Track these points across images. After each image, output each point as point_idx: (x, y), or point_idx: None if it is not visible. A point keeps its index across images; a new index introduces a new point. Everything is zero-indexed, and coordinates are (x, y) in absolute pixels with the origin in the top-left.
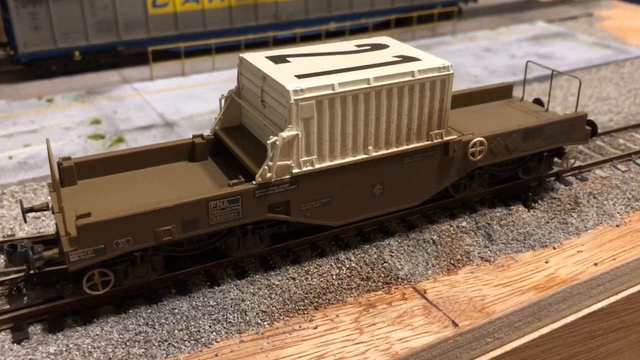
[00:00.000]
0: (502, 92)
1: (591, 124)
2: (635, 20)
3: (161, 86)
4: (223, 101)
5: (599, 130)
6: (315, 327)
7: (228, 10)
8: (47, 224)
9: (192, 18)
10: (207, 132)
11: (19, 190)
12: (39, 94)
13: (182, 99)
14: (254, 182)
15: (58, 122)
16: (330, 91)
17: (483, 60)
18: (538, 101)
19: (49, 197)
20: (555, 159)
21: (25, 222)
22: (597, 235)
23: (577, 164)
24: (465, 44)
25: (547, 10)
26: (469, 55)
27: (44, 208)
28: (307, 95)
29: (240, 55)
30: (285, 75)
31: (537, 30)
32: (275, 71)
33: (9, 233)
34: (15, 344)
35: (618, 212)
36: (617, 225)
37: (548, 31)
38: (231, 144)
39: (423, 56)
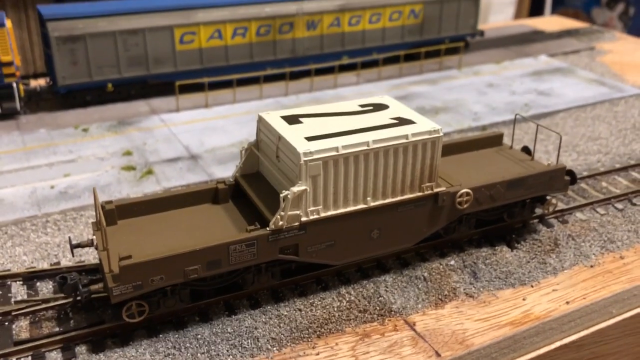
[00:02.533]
0: (492, 141)
1: (570, 173)
2: (635, 54)
3: (186, 117)
4: (243, 152)
5: (585, 172)
6: (317, 354)
7: (249, 46)
8: (86, 252)
9: (216, 53)
10: (228, 169)
11: (61, 219)
12: (75, 124)
13: (206, 131)
14: (268, 228)
15: (93, 152)
16: (335, 153)
17: (485, 97)
18: (526, 149)
19: (94, 235)
20: (538, 204)
21: (73, 256)
22: (572, 275)
23: (560, 206)
24: (470, 78)
25: (552, 43)
26: (472, 91)
27: (89, 244)
28: (315, 156)
29: (260, 114)
30: (297, 137)
31: (539, 64)
32: (289, 132)
33: (54, 260)
34: None
35: (593, 254)
36: (592, 266)
37: (550, 66)
38: (249, 190)
39: (417, 119)
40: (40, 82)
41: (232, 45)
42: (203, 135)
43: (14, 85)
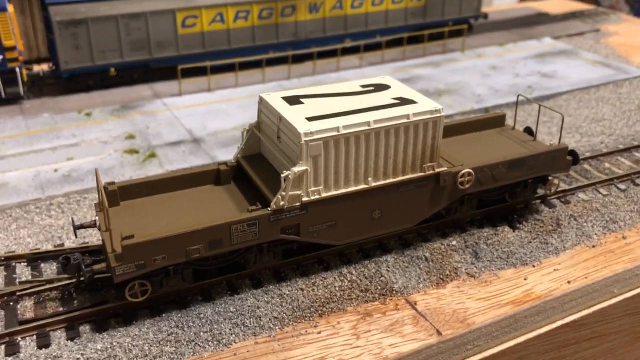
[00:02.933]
0: (495, 122)
1: (573, 154)
2: None
3: (189, 102)
4: (245, 133)
5: (589, 153)
6: (319, 333)
7: (251, 30)
8: (90, 234)
9: (218, 37)
10: (231, 152)
11: (65, 202)
12: (78, 108)
13: (208, 115)
14: (269, 208)
15: (97, 136)
16: (336, 133)
17: (488, 79)
18: (529, 130)
19: (96, 216)
20: (540, 185)
21: (76, 237)
22: (574, 255)
23: (563, 187)
24: (473, 61)
25: (557, 25)
26: (476, 74)
27: (92, 226)
28: (316, 137)
29: (261, 95)
30: (298, 118)
31: (543, 47)
32: (290, 113)
33: (58, 242)
34: (69, 341)
35: (596, 234)
36: (594, 246)
37: (554, 48)
38: (251, 172)
39: (419, 99)
40: (43, 67)
41: (235, 28)
42: (206, 119)
43: (17, 70)
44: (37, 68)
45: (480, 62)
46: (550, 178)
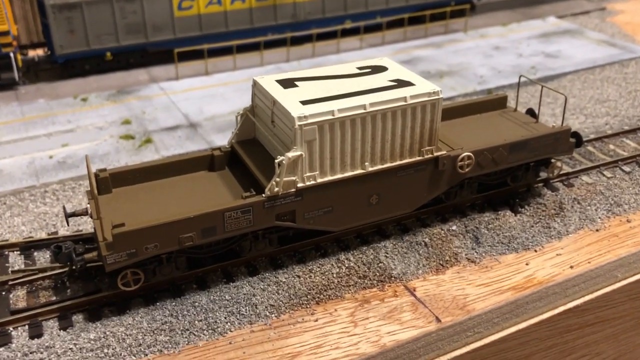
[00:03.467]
0: (496, 103)
1: (576, 135)
2: None
3: (186, 85)
4: (239, 117)
5: (593, 135)
6: (316, 320)
7: (248, 11)
8: (84, 221)
9: (215, 19)
10: (228, 137)
11: (59, 189)
12: (74, 93)
13: (205, 99)
14: (263, 195)
15: (92, 121)
16: (331, 117)
17: (491, 59)
18: (531, 112)
19: (88, 204)
20: (543, 168)
21: (68, 225)
22: (577, 239)
23: (566, 170)
24: (476, 41)
25: (561, 4)
26: (478, 54)
27: (83, 213)
28: (310, 121)
29: (254, 78)
30: (292, 101)
31: (547, 26)
32: (283, 96)
33: (52, 229)
34: (62, 331)
35: (599, 217)
36: (597, 230)
37: (558, 28)
38: (245, 157)
39: (416, 80)
40: (38, 52)
41: (232, 10)
42: (203, 103)
43: (12, 55)
44: (32, 53)
45: (483, 43)
46: (552, 161)
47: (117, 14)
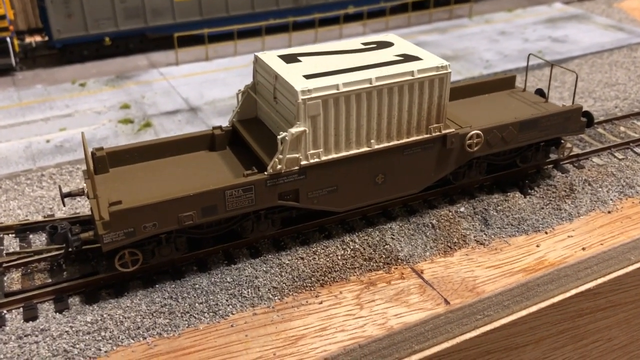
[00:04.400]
0: (505, 83)
1: (587, 115)
2: None
3: (186, 71)
4: (240, 95)
5: (602, 117)
6: (321, 303)
7: None
8: (82, 204)
9: (216, 4)
10: (226, 122)
11: (56, 172)
12: (72, 79)
13: (206, 84)
14: (266, 173)
15: (90, 106)
16: (335, 91)
17: (497, 44)
18: (540, 92)
19: (84, 183)
20: (553, 148)
21: (64, 205)
22: (589, 221)
23: (576, 151)
24: (481, 26)
25: None
26: (484, 39)
27: (80, 193)
28: (313, 95)
29: (256, 54)
30: (295, 76)
31: (553, 12)
32: (286, 71)
33: (49, 213)
34: (57, 313)
35: (611, 199)
36: (609, 212)
37: (565, 13)
38: (247, 135)
39: (424, 55)
40: (36, 38)
41: None
42: (203, 88)
43: (8, 40)
44: (29, 39)
45: (488, 28)
46: (562, 141)
47: None
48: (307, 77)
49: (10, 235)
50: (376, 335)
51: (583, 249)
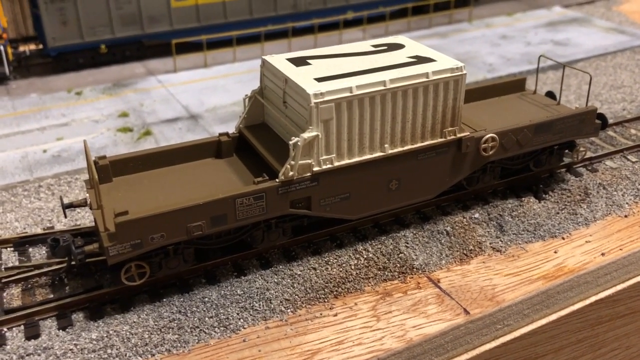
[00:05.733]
0: (515, 86)
1: (601, 117)
2: None
3: (185, 78)
4: (247, 100)
5: (612, 120)
6: (335, 315)
7: (248, 2)
8: (81, 216)
9: (213, 10)
10: (231, 128)
11: (55, 183)
12: (68, 87)
13: (205, 91)
14: (277, 180)
15: (87, 115)
16: (349, 94)
17: (499, 48)
18: (550, 94)
19: (87, 193)
20: (566, 151)
21: (65, 217)
22: (606, 226)
23: (588, 155)
24: (482, 31)
25: None
26: (485, 43)
27: (82, 204)
28: (326, 98)
29: (263, 57)
30: (306, 79)
31: (553, 15)
32: (296, 74)
33: (48, 225)
34: (60, 331)
35: (627, 203)
36: (626, 216)
37: (565, 17)
38: (255, 142)
39: (437, 57)
40: (30, 47)
41: (231, 1)
42: (203, 95)
43: (2, 48)
44: (22, 47)
45: (489, 32)
46: (577, 144)
47: (111, 4)
48: (319, 80)
49: (8, 249)
50: (395, 348)
51: (602, 254)
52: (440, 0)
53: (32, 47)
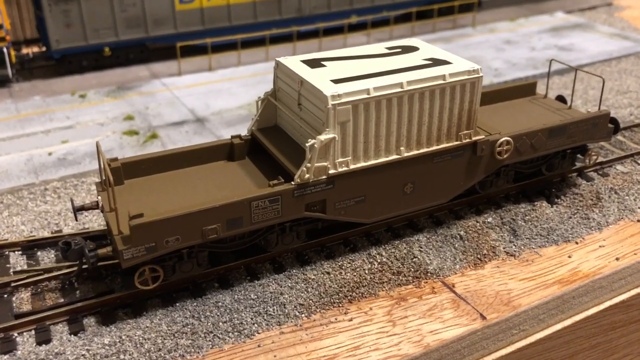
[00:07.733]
0: (526, 90)
1: (614, 121)
2: None
3: (189, 81)
4: (259, 103)
5: (621, 125)
6: (350, 320)
7: (252, 5)
8: (89, 219)
9: (218, 13)
10: (238, 131)
11: (61, 186)
12: (72, 90)
13: (211, 94)
14: (293, 182)
15: (92, 117)
16: (366, 95)
17: (503, 53)
18: (561, 98)
19: (99, 196)
20: (578, 156)
21: (76, 220)
22: (619, 230)
23: (599, 159)
24: (486, 36)
25: (567, 0)
26: (490, 48)
27: (93, 207)
28: (344, 100)
29: (277, 59)
30: (323, 80)
31: (556, 21)
32: (312, 76)
33: (55, 228)
34: (72, 336)
35: (639, 207)
36: (638, 220)
37: (567, 22)
38: (268, 144)
39: (453, 59)
40: (33, 49)
41: (235, 4)
42: (208, 98)
43: (5, 50)
44: (26, 50)
45: (493, 37)
46: (589, 148)
47: (115, 7)
48: (335, 81)
49: (16, 252)
50: (412, 353)
51: (617, 259)
52: (444, 5)
53: (35, 49)
